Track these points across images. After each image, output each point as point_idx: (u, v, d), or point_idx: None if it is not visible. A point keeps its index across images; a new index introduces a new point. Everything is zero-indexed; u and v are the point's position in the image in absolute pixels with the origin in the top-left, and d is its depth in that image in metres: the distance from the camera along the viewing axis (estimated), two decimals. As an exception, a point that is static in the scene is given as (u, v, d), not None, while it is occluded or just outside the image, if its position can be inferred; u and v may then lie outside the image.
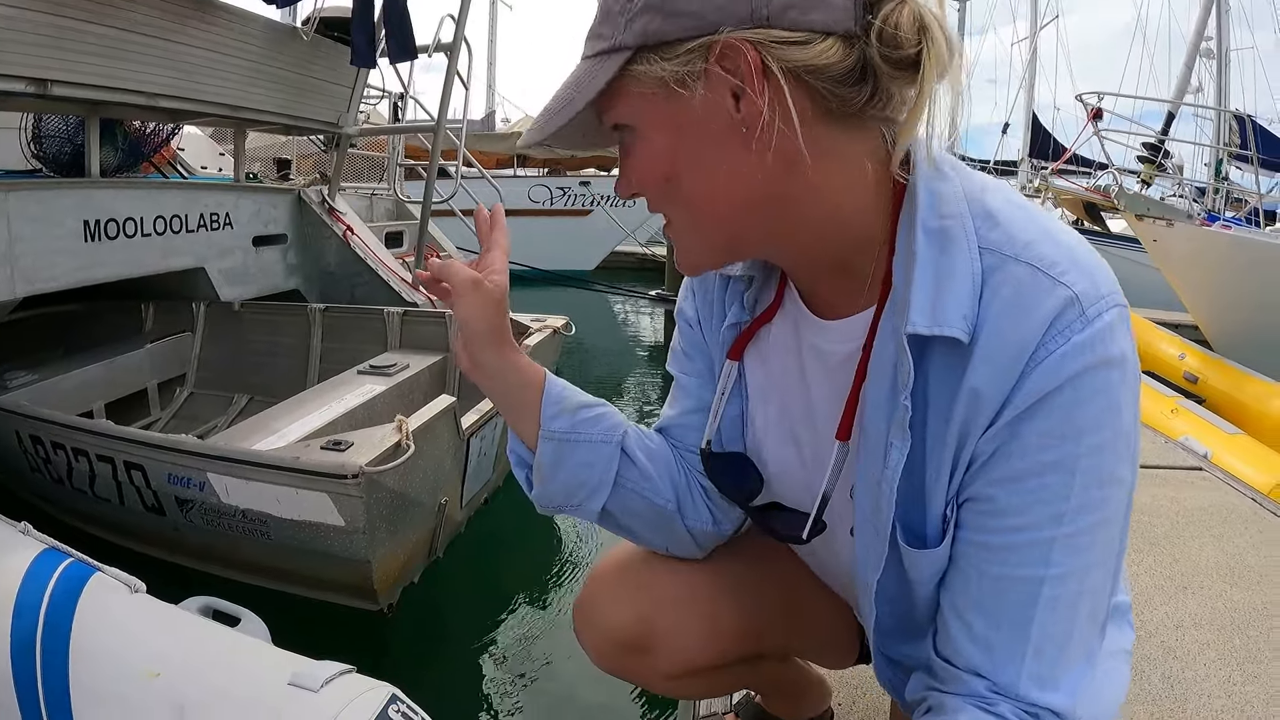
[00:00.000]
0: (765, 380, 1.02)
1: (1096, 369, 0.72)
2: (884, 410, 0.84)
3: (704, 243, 0.85)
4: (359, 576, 2.88)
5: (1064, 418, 0.73)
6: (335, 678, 1.57)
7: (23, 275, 3.80)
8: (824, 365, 0.93)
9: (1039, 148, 21.35)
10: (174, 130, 5.71)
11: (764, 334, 1.00)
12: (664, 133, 0.79)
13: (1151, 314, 7.87)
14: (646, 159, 0.81)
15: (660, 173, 0.81)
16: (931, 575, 0.85)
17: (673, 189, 0.81)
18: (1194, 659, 2.01)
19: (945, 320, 0.76)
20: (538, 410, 1.01)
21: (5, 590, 1.84)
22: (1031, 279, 0.74)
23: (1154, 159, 8.60)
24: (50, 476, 3.47)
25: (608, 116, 0.81)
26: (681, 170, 0.80)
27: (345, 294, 5.73)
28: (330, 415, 3.68)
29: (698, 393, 1.10)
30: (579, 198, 14.86)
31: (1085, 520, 0.75)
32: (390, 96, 8.09)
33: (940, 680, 0.84)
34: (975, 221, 0.79)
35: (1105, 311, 0.73)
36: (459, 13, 5.41)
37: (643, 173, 0.82)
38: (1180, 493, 3.18)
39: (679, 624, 1.13)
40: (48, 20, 3.60)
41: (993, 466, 0.78)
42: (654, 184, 0.82)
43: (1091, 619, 0.78)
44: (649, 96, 0.77)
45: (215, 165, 9.29)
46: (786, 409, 1.00)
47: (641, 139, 0.81)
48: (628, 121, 0.80)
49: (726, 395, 1.04)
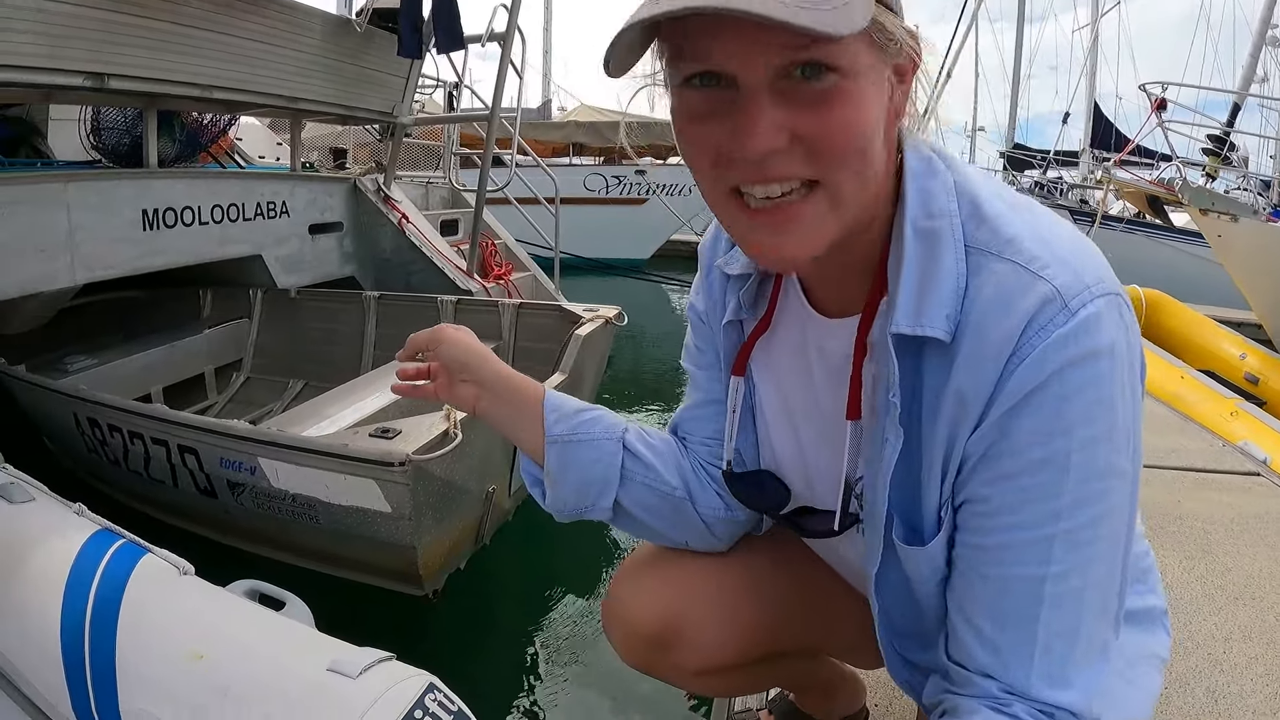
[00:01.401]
0: (777, 391, 1.03)
1: (1082, 361, 0.72)
2: (881, 407, 0.85)
3: (838, 222, 0.77)
4: (405, 562, 2.91)
5: (1053, 413, 0.73)
6: (374, 665, 1.58)
7: (83, 263, 3.91)
8: (828, 363, 0.94)
9: (1100, 138, 20.85)
10: (231, 121, 5.80)
11: (767, 344, 1.01)
12: (877, 92, 0.74)
13: (1213, 311, 7.68)
14: (864, 111, 0.73)
15: (868, 130, 0.74)
16: (930, 574, 0.86)
17: (856, 152, 0.74)
18: (1241, 673, 1.95)
19: (928, 321, 0.77)
20: (540, 421, 1.08)
21: (58, 570, 1.89)
22: (1013, 276, 0.75)
23: (1219, 151, 8.37)
24: (107, 458, 3.56)
25: (821, 50, 0.69)
26: (873, 135, 0.75)
27: (400, 281, 5.79)
28: (382, 402, 3.72)
29: (708, 385, 1.13)
30: (634, 186, 14.78)
31: (1084, 515, 0.75)
32: (445, 86, 8.14)
33: (955, 683, 0.84)
34: (964, 219, 0.80)
35: (1090, 302, 0.72)
36: (511, 2, 5.42)
37: (859, 124, 0.73)
38: (1237, 499, 3.10)
39: (701, 621, 1.14)
40: (104, 15, 3.68)
41: (985, 467, 0.78)
42: (856, 140, 0.73)
43: (1101, 613, 0.78)
44: (873, 50, 0.73)
45: (273, 155, 9.41)
46: (795, 410, 1.01)
47: (858, 90, 0.72)
48: (847, 65, 0.71)
49: (739, 412, 1.05)
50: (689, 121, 0.77)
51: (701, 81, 0.74)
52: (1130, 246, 12.60)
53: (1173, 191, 8.60)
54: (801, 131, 0.71)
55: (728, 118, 0.73)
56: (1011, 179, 20.61)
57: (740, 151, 0.72)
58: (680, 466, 1.13)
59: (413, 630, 3.14)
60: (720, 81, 0.73)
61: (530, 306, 4.93)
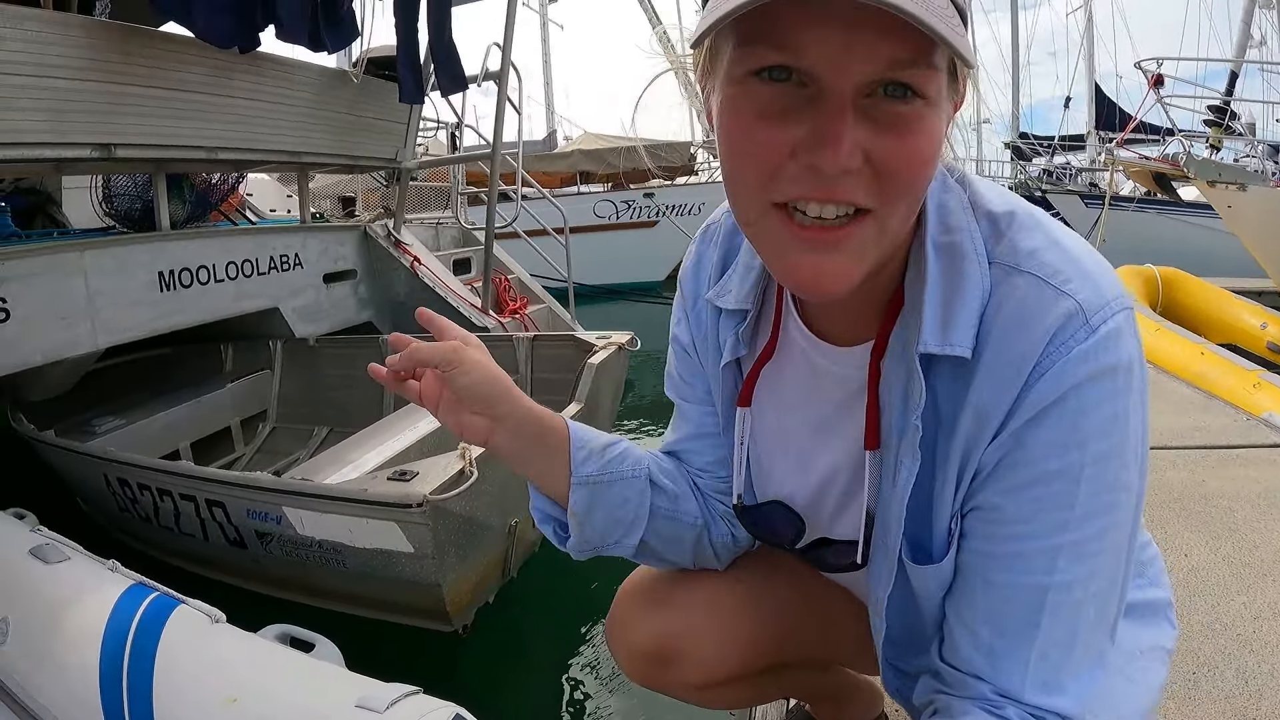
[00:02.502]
0: (779, 421, 1.00)
1: (1101, 377, 0.72)
2: (894, 430, 0.84)
3: (878, 252, 0.73)
4: (431, 600, 2.94)
5: (1069, 427, 0.73)
6: (401, 699, 1.61)
7: (103, 327, 4.00)
8: (838, 392, 0.92)
9: (1105, 119, 20.72)
10: (239, 179, 5.90)
11: (771, 374, 0.98)
12: (943, 127, 0.71)
13: (1230, 282, 7.57)
14: (934, 144, 0.69)
15: (933, 165, 0.70)
16: (937, 589, 0.86)
17: (919, 186, 0.71)
18: (1272, 652, 1.90)
19: (957, 339, 0.76)
20: (564, 457, 0.98)
21: (95, 623, 1.95)
22: (1036, 290, 0.74)
23: (1220, 121, 8.30)
24: (138, 515, 3.62)
25: (917, 74, 0.65)
26: (933, 171, 0.71)
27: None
28: (403, 444, 3.76)
29: (698, 419, 1.10)
30: (644, 210, 14.82)
31: (1091, 527, 0.75)
32: (447, 126, 8.22)
33: (947, 684, 0.84)
34: (982, 232, 0.79)
35: (1110, 318, 0.72)
36: (504, 40, 5.49)
37: (927, 153, 0.68)
38: (1264, 473, 3.03)
39: (701, 635, 1.13)
40: (106, 88, 3.78)
41: (998, 476, 0.78)
42: (923, 173, 0.70)
43: (1098, 623, 0.78)
44: (949, 85, 0.70)
45: (284, 207, 9.52)
46: (802, 441, 0.99)
47: (935, 121, 0.68)
48: (933, 94, 0.67)
49: (746, 444, 1.02)
50: (758, 118, 0.68)
51: (772, 76, 0.66)
52: (1141, 225, 12.50)
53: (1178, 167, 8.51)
54: (875, 156, 0.66)
55: (805, 121, 0.66)
56: (1020, 169, 20.47)
57: (817, 160, 0.65)
58: (694, 494, 1.10)
59: (443, 665, 3.16)
60: (790, 77, 0.66)
61: (544, 338, 4.96)
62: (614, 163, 15.75)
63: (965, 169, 0.85)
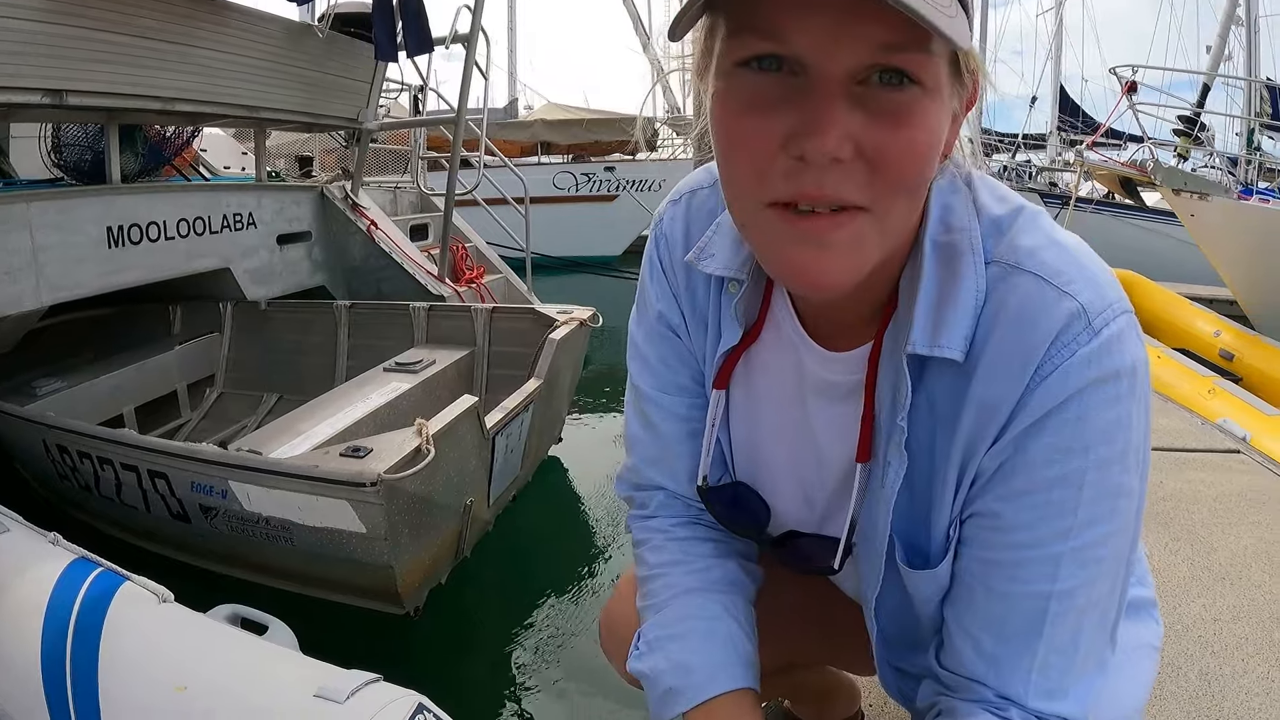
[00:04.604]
0: (747, 401, 0.97)
1: (1104, 382, 0.70)
2: (884, 431, 0.82)
3: (879, 250, 0.70)
4: (383, 581, 2.88)
5: (1072, 432, 0.71)
6: (361, 688, 1.56)
7: (48, 284, 3.84)
8: (831, 395, 0.89)
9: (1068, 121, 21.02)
10: (194, 133, 5.72)
11: (748, 359, 0.94)
12: (946, 120, 0.68)
13: (1185, 289, 7.75)
14: (933, 136, 0.66)
15: (932, 159, 0.67)
16: (934, 593, 0.85)
17: (917, 181, 0.68)
18: (1232, 654, 1.96)
19: (946, 342, 0.74)
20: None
21: (36, 601, 1.86)
22: (1037, 290, 0.72)
23: (1190, 132, 8.45)
24: (78, 484, 3.51)
25: (913, 59, 0.62)
26: (932, 166, 0.69)
27: (371, 289, 5.76)
28: (356, 415, 3.69)
29: (686, 413, 1.02)
30: (604, 183, 14.75)
31: (1093, 533, 0.74)
32: (410, 89, 8.08)
33: (948, 688, 0.84)
34: (984, 232, 0.77)
35: (1112, 321, 0.71)
36: (475, 3, 5.37)
37: (923, 145, 0.65)
38: (1218, 477, 3.11)
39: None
40: (60, 30, 3.62)
41: (999, 482, 0.76)
42: (921, 166, 0.67)
43: (1100, 628, 0.77)
44: (953, 77, 0.67)
45: (238, 165, 9.32)
46: (787, 439, 0.95)
47: (934, 111, 0.65)
48: (930, 82, 0.64)
49: (717, 425, 0.97)
50: (746, 110, 0.66)
51: (761, 65, 0.64)
52: (1098, 226, 12.72)
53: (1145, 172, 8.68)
54: (867, 146, 0.63)
55: (795, 110, 0.63)
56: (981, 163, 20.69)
57: (805, 149, 0.63)
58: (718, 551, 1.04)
59: (398, 647, 3.11)
60: (780, 67, 0.64)
61: (504, 311, 4.91)
62: (577, 134, 15.64)
63: (972, 170, 0.82)
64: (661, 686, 0.93)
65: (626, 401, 1.08)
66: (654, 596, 1.00)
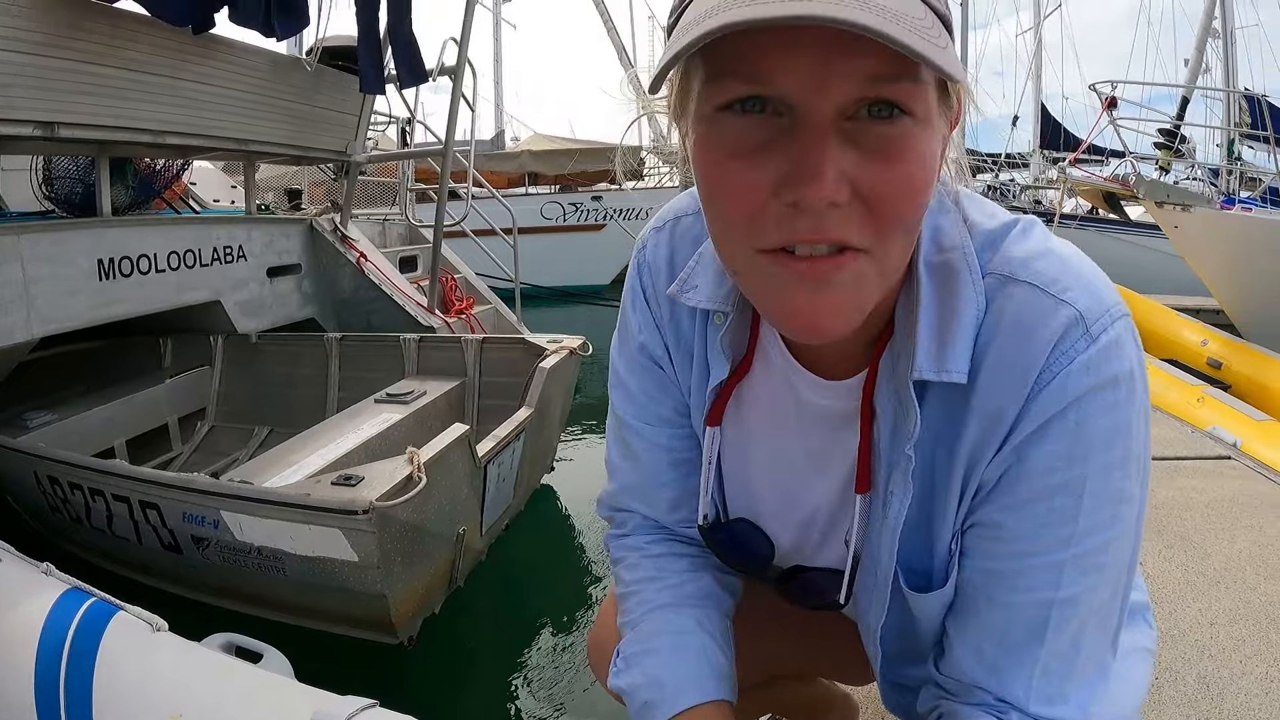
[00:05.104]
0: (739, 436, 0.95)
1: (1103, 388, 0.70)
2: (883, 460, 0.82)
3: (879, 290, 0.68)
4: (376, 611, 2.86)
5: (1072, 439, 0.71)
6: (357, 714, 1.55)
7: (39, 316, 3.82)
8: (827, 424, 0.88)
9: (1050, 139, 21.19)
10: (184, 166, 5.73)
11: (740, 393, 0.93)
12: (938, 147, 0.66)
13: (1170, 300, 7.81)
14: (929, 168, 0.64)
15: (929, 190, 0.65)
16: (938, 612, 0.84)
17: (914, 216, 0.66)
18: (1229, 657, 1.97)
19: (953, 365, 0.74)
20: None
21: (29, 632, 1.84)
22: (1034, 300, 0.72)
23: (1171, 145, 8.53)
24: (69, 516, 3.48)
25: (902, 90, 0.60)
26: (928, 198, 0.66)
27: (361, 321, 5.76)
28: (347, 446, 3.68)
29: (668, 443, 1.01)
30: (592, 213, 14.85)
31: (1094, 541, 0.73)
32: (398, 122, 8.11)
33: (949, 692, 0.83)
34: (978, 247, 0.77)
35: (1110, 326, 0.71)
36: (461, 36, 5.40)
37: (920, 180, 0.63)
38: (1210, 484, 3.14)
39: None
40: (52, 64, 3.63)
41: (1000, 492, 0.76)
42: (919, 200, 0.64)
43: (1101, 634, 0.77)
44: (941, 102, 0.65)
45: (228, 198, 9.32)
46: (782, 471, 0.94)
47: (927, 141, 0.63)
48: (922, 112, 0.62)
49: (714, 464, 0.96)
50: (730, 156, 0.63)
51: (744, 107, 0.62)
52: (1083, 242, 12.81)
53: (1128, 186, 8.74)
54: (863, 186, 0.61)
55: (783, 155, 0.61)
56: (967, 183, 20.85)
57: (800, 197, 0.60)
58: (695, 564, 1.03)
59: (392, 677, 3.08)
60: (764, 108, 0.61)
61: (494, 341, 4.91)
62: (564, 164, 15.73)
63: (959, 188, 0.82)
64: (638, 701, 0.93)
65: (608, 427, 1.08)
66: (630, 613, 1.00)
